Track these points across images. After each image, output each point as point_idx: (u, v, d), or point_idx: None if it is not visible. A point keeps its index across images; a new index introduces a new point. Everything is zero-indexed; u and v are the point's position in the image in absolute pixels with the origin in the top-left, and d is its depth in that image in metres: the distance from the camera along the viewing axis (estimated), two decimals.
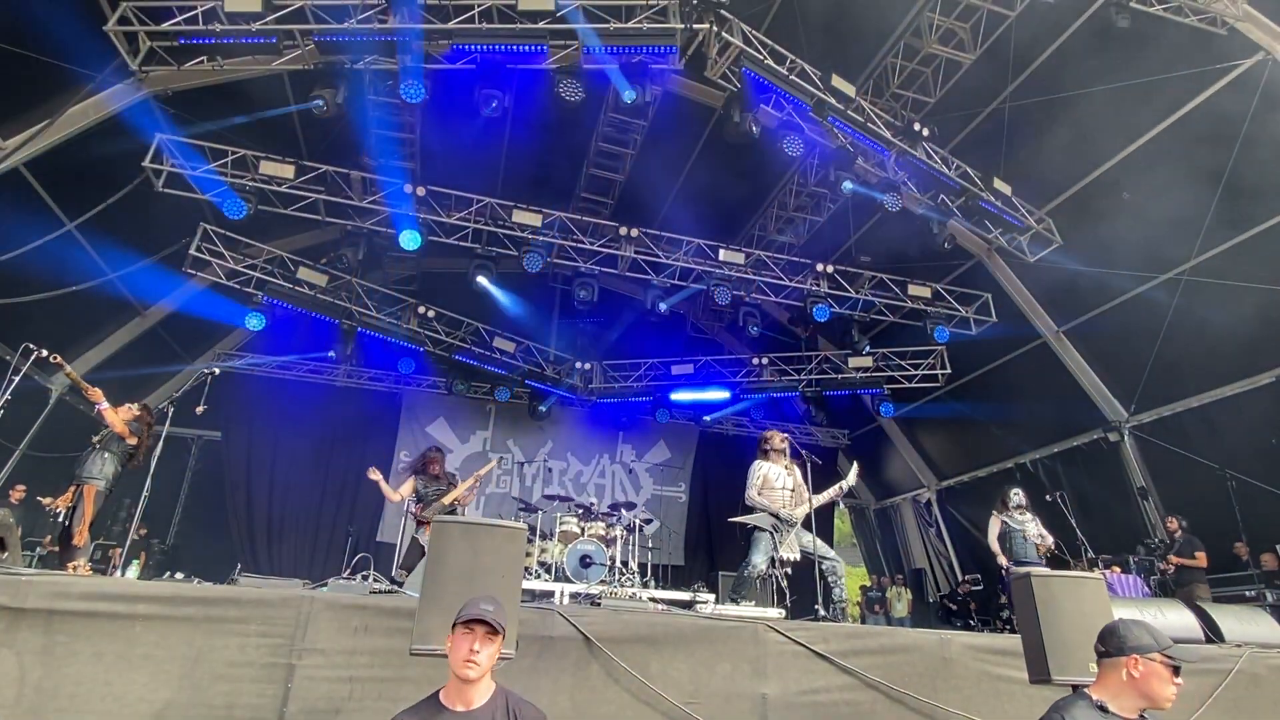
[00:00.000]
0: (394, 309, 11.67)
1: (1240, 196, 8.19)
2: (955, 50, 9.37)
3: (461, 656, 2.28)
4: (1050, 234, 10.15)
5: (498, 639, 2.34)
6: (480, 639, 2.30)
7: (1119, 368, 10.60)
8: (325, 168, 9.53)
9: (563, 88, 7.80)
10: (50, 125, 7.42)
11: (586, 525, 7.95)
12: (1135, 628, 2.38)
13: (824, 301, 11.34)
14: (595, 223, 10.95)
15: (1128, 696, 2.29)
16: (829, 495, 6.12)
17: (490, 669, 2.36)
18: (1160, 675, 2.28)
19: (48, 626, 3.22)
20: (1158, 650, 2.30)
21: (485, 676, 2.36)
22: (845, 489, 6.28)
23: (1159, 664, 2.28)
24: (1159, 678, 2.27)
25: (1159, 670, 2.28)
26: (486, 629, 2.30)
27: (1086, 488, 11.21)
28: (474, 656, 2.28)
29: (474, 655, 2.28)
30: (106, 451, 5.80)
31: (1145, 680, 2.28)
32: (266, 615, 3.48)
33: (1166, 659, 2.29)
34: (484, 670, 2.32)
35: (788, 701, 3.92)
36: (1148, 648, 2.31)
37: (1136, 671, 2.30)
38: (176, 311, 11.19)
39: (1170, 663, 2.29)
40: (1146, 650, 2.30)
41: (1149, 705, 2.29)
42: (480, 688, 2.35)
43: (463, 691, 2.32)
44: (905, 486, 15.95)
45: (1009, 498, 7.34)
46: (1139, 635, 2.35)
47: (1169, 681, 2.27)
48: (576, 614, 3.92)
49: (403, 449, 13.81)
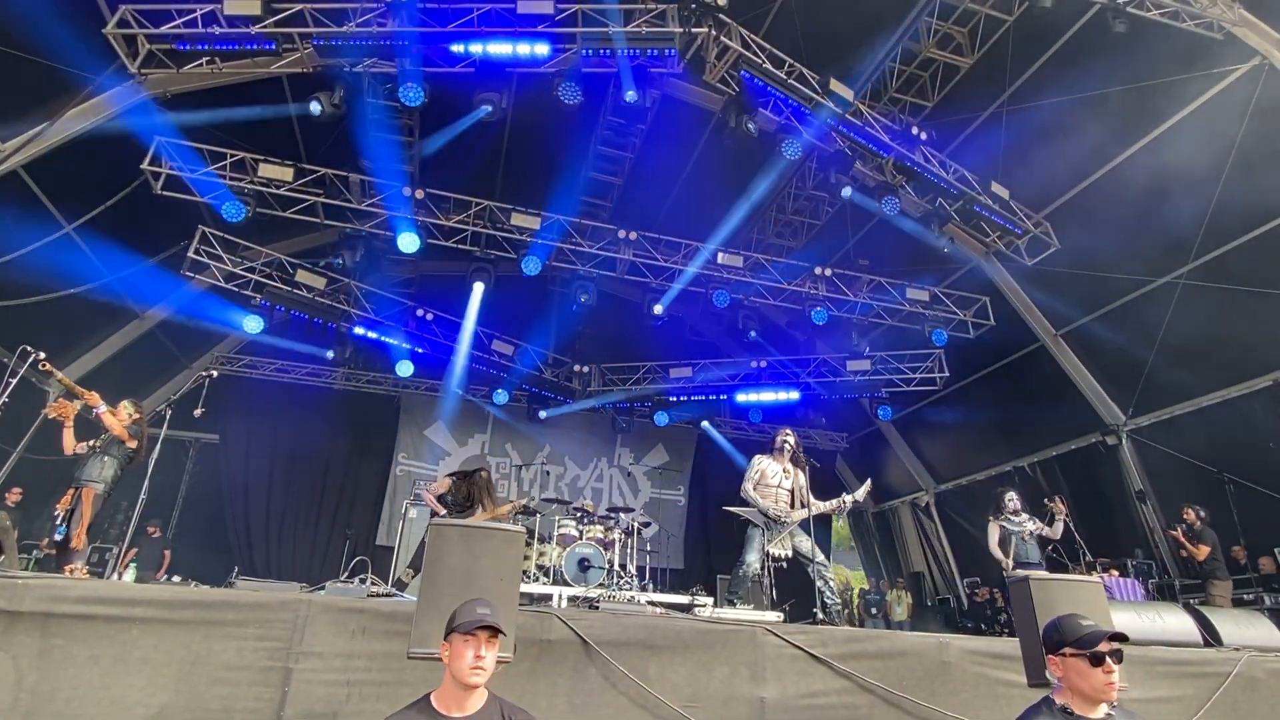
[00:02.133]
0: (392, 312, 11.66)
1: (1237, 200, 8.21)
2: (953, 54, 9.40)
3: (467, 664, 2.25)
4: (1048, 237, 10.17)
5: (498, 642, 2.32)
6: (484, 644, 2.28)
7: (1117, 371, 10.62)
8: (324, 170, 9.54)
9: (561, 91, 7.82)
10: (49, 128, 7.42)
11: (585, 529, 7.94)
12: (1051, 627, 2.29)
13: (822, 304, 11.36)
14: (594, 225, 10.96)
15: (1075, 696, 2.21)
16: (831, 505, 6.01)
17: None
18: (1077, 669, 2.18)
19: (44, 630, 3.20)
20: (1066, 644, 2.21)
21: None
22: (849, 503, 6.12)
23: (1070, 658, 2.19)
24: (1076, 671, 2.18)
25: (1074, 665, 2.19)
26: (489, 633, 2.28)
27: (1084, 491, 11.23)
28: (480, 663, 2.25)
29: (480, 661, 2.25)
30: (106, 455, 5.78)
31: (1068, 678, 2.21)
32: (264, 618, 3.46)
33: (1077, 650, 2.18)
34: (489, 675, 2.30)
35: (786, 705, 3.92)
36: (1056, 644, 2.23)
37: (1059, 672, 2.24)
38: (175, 314, 11.18)
39: (1082, 653, 2.18)
40: (1057, 648, 2.23)
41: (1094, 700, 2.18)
42: (476, 694, 2.33)
43: (461, 698, 2.30)
44: (903, 490, 15.95)
45: (1004, 502, 7.31)
46: (1050, 634, 2.27)
47: (1089, 673, 2.16)
48: (574, 617, 3.92)
49: (401, 451, 13.81)
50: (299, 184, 9.36)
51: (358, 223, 9.97)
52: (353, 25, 7.40)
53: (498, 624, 2.29)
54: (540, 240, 10.32)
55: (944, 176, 9.59)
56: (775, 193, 12.15)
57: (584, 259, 10.82)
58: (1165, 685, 4.48)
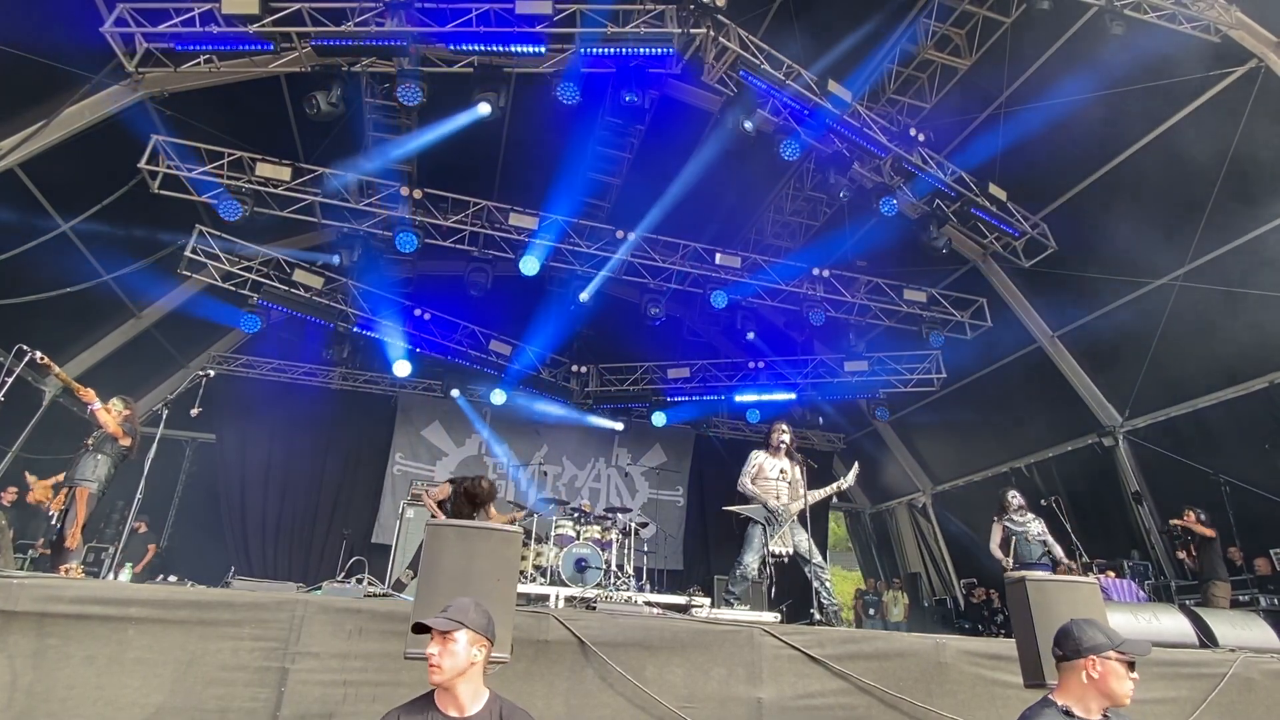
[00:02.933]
0: (390, 311, 11.64)
1: (1234, 202, 8.24)
2: (951, 56, 9.42)
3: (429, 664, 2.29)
4: (1045, 239, 10.19)
5: (454, 638, 2.27)
6: (435, 642, 2.28)
7: (1113, 373, 10.64)
8: (322, 170, 9.53)
9: (560, 91, 7.82)
10: (46, 126, 7.40)
11: (582, 529, 7.94)
12: (1088, 628, 2.40)
13: (820, 305, 11.37)
14: (592, 226, 10.96)
15: (1090, 698, 2.32)
16: (826, 491, 6.20)
17: (466, 671, 2.29)
18: (1117, 673, 2.31)
19: (39, 630, 3.19)
20: (1111, 648, 2.33)
21: (471, 680, 2.31)
22: (843, 487, 6.35)
23: (1114, 661, 2.31)
24: (1116, 675, 2.31)
25: (1115, 668, 2.31)
26: (437, 634, 2.28)
27: (1081, 492, 11.24)
28: (430, 659, 2.27)
29: (430, 658, 2.27)
30: (100, 453, 5.76)
31: (1104, 679, 2.31)
32: (260, 619, 3.46)
33: (1120, 655, 2.32)
34: (446, 674, 2.26)
35: (783, 706, 3.92)
36: (1102, 646, 2.34)
37: (1095, 672, 2.32)
38: (172, 313, 11.16)
39: (1124, 658, 2.32)
40: (1101, 649, 2.33)
41: (1110, 703, 2.32)
42: (471, 693, 2.31)
43: (450, 696, 2.30)
44: (901, 490, 15.97)
45: (1008, 502, 7.24)
46: (1093, 635, 2.37)
47: (1126, 677, 2.31)
48: (571, 618, 3.92)
49: (398, 451, 13.79)
50: (297, 183, 9.34)
51: (355, 222, 9.96)
52: (351, 25, 7.40)
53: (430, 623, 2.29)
54: (538, 240, 10.31)
55: (941, 178, 9.60)
56: (773, 193, 12.18)
57: (582, 259, 10.81)
58: (1161, 686, 4.49)
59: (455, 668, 2.27)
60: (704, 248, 11.05)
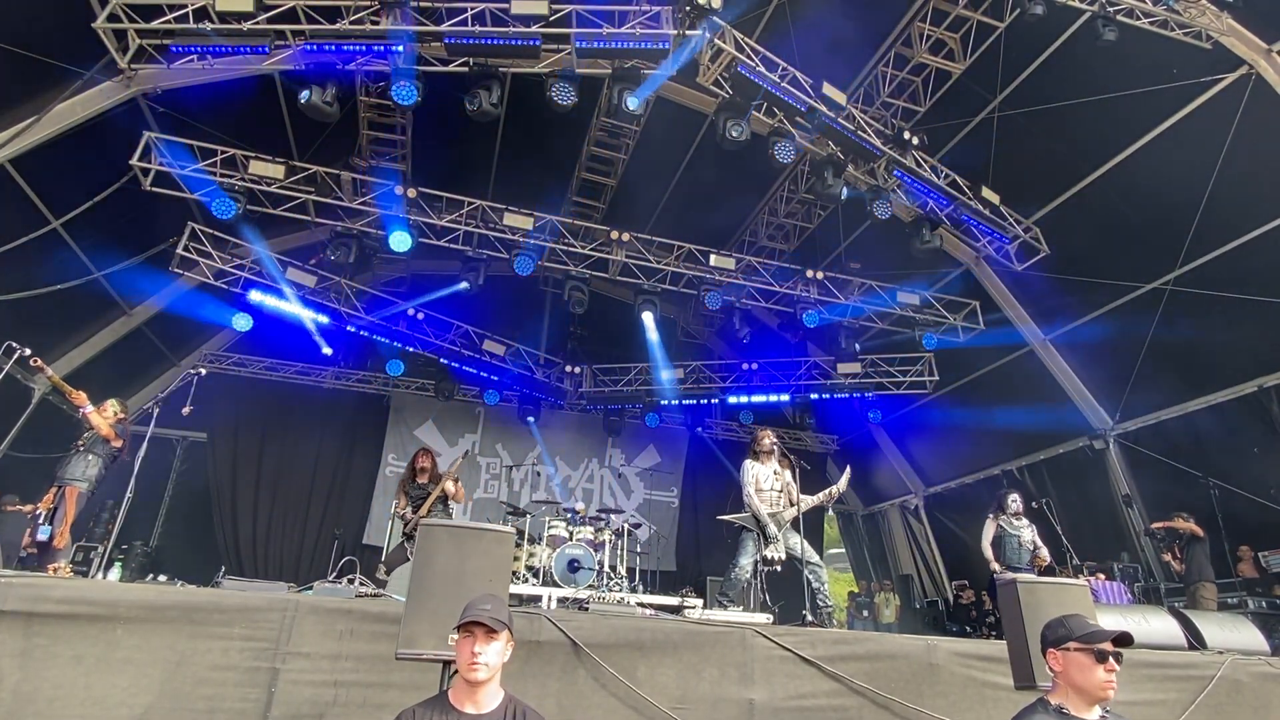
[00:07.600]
0: (383, 311, 11.61)
1: (1224, 208, 8.30)
2: (945, 60, 9.46)
3: (465, 660, 2.27)
4: (1037, 243, 10.25)
5: (499, 637, 2.30)
6: (480, 640, 2.28)
7: (1104, 376, 10.70)
8: (315, 168, 9.48)
9: (555, 91, 7.81)
10: (37, 122, 7.33)
11: (575, 530, 7.92)
12: (1056, 623, 2.33)
13: (814, 307, 11.41)
14: (587, 226, 10.96)
15: (1071, 693, 2.24)
16: (819, 499, 6.20)
17: (500, 668, 2.33)
18: (1078, 663, 2.21)
19: (27, 629, 3.17)
20: (1072, 639, 2.24)
21: (494, 679, 2.33)
22: (835, 494, 6.34)
23: (1075, 653, 2.22)
24: (1077, 666, 2.21)
25: (1076, 659, 2.22)
26: (484, 629, 2.28)
27: (1072, 495, 11.31)
28: (476, 659, 2.26)
29: (476, 658, 2.26)
30: (90, 454, 5.74)
31: (1066, 672, 2.24)
32: (251, 619, 3.44)
33: (1082, 646, 2.22)
34: (493, 671, 2.30)
35: (774, 707, 3.93)
36: (1062, 639, 2.27)
37: (1057, 666, 2.27)
38: (163, 311, 11.06)
39: (1088, 649, 2.21)
40: (1060, 642, 2.27)
41: (1087, 699, 2.21)
42: (489, 691, 2.33)
43: (471, 694, 2.30)
44: (893, 492, 16.02)
45: (1007, 503, 7.19)
46: (1055, 629, 2.31)
47: (1091, 668, 2.19)
48: (564, 619, 3.91)
49: (390, 451, 13.74)
50: (290, 181, 9.29)
51: (349, 221, 9.92)
52: (345, 23, 7.37)
53: (489, 619, 2.28)
54: (533, 240, 10.30)
55: (934, 181, 9.64)
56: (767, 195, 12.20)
57: (576, 259, 10.80)
58: (1150, 688, 4.53)
59: (497, 666, 2.31)
60: (699, 249, 11.07)
